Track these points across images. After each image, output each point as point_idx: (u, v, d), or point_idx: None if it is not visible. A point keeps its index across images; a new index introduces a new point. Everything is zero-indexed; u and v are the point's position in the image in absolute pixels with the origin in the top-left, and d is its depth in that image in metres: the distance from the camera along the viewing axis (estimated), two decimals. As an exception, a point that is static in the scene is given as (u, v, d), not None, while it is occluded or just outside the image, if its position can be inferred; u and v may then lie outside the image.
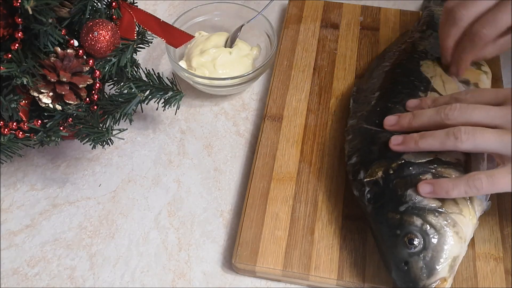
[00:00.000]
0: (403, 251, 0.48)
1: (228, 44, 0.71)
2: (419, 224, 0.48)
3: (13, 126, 0.54)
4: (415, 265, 0.47)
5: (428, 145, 0.48)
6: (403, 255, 0.48)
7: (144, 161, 0.64)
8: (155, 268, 0.56)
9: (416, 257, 0.47)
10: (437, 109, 0.49)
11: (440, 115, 0.48)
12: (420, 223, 0.48)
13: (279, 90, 0.68)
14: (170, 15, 0.80)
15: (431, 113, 0.49)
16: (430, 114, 0.49)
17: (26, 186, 0.62)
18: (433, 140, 0.47)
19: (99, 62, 0.56)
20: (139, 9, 0.60)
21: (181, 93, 0.59)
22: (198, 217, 0.60)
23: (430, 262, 0.46)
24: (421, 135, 0.48)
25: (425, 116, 0.50)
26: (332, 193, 0.58)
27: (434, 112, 0.49)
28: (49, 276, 0.55)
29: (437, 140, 0.47)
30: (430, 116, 0.49)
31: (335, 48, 0.73)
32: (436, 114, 0.49)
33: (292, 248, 0.54)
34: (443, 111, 0.48)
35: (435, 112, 0.49)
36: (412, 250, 0.47)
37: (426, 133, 0.48)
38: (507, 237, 0.55)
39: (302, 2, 0.78)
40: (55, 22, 0.52)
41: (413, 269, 0.47)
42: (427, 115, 0.50)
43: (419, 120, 0.50)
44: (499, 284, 0.52)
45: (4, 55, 0.51)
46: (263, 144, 0.63)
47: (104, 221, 0.59)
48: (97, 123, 0.54)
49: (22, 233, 0.58)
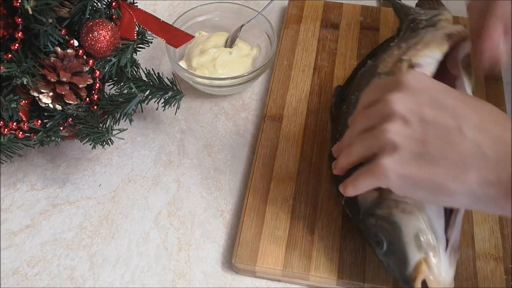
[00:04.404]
0: (380, 255, 0.49)
1: (228, 44, 0.71)
2: (374, 222, 0.49)
3: (13, 126, 0.54)
4: (392, 262, 0.47)
5: (342, 189, 0.48)
6: (382, 258, 0.49)
7: (144, 161, 0.64)
8: (155, 268, 0.56)
9: (390, 255, 0.48)
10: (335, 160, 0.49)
11: (335, 167, 0.49)
12: (375, 221, 0.49)
13: (279, 90, 0.68)
14: (170, 15, 0.80)
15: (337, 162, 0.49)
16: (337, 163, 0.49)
17: (26, 186, 0.62)
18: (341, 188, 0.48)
19: (99, 62, 0.56)
20: (139, 9, 0.60)
21: (181, 93, 0.59)
22: (198, 217, 0.60)
23: (399, 253, 0.46)
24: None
25: (337, 166, 0.49)
26: (332, 193, 0.58)
27: (334, 164, 0.49)
28: (49, 276, 0.55)
29: (341, 188, 0.47)
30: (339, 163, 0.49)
31: (335, 48, 0.73)
32: (333, 164, 0.49)
33: (292, 248, 0.54)
34: (335, 162, 0.49)
35: (333, 164, 0.49)
36: (383, 250, 0.48)
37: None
38: (507, 237, 0.55)
39: (302, 2, 0.78)
40: (55, 22, 0.52)
41: (395, 267, 0.47)
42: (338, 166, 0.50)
43: (340, 169, 0.50)
44: (499, 284, 0.52)
45: (4, 55, 0.51)
46: (263, 144, 0.63)
47: (104, 221, 0.59)
48: (97, 123, 0.54)
49: (22, 233, 0.58)
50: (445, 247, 0.46)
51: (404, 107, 0.41)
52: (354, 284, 0.52)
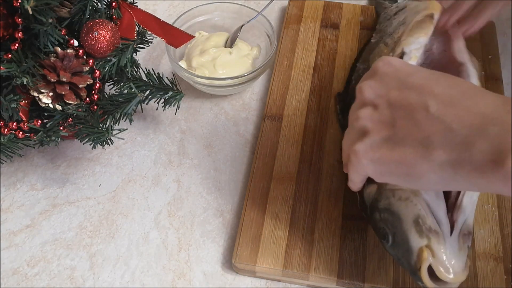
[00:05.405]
0: (388, 248, 0.48)
1: (228, 44, 0.71)
2: (378, 216, 0.48)
3: (13, 126, 0.54)
4: (400, 254, 0.46)
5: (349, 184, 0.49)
6: (391, 251, 0.48)
7: (144, 161, 0.64)
8: (155, 268, 0.56)
9: (396, 247, 0.46)
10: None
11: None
12: (379, 215, 0.48)
13: (279, 90, 0.68)
14: (170, 15, 0.80)
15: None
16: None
17: (26, 186, 0.62)
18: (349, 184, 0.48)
19: (99, 62, 0.56)
20: (139, 9, 0.60)
21: (181, 93, 0.59)
22: (198, 217, 0.60)
23: (403, 243, 0.45)
24: None
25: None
26: (332, 193, 0.58)
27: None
28: (49, 276, 0.55)
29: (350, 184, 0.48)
30: None
31: (335, 48, 0.73)
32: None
33: (292, 248, 0.54)
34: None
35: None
36: (389, 243, 0.47)
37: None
38: (507, 237, 0.55)
39: (302, 2, 0.78)
40: (55, 22, 0.52)
41: (402, 259, 0.46)
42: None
43: None
44: (499, 284, 0.52)
45: (4, 55, 0.51)
46: (263, 144, 0.63)
47: (104, 221, 0.59)
48: (97, 123, 0.54)
49: (22, 233, 0.58)
50: (449, 231, 0.44)
51: (373, 93, 0.42)
52: (354, 284, 0.52)
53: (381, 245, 0.53)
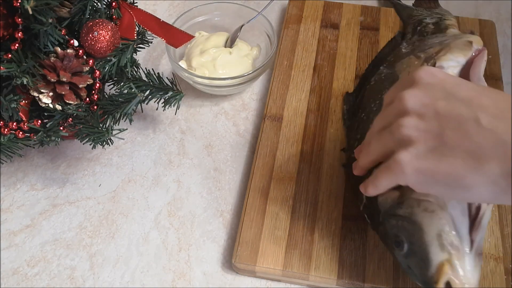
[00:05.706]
0: (400, 256, 0.47)
1: (228, 44, 0.71)
2: (395, 223, 0.48)
3: (13, 126, 0.54)
4: (413, 264, 0.46)
5: (363, 188, 0.48)
6: (402, 260, 0.47)
7: (144, 161, 0.64)
8: (155, 268, 0.56)
9: (410, 256, 0.46)
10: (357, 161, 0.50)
11: (355, 166, 0.49)
12: (395, 222, 0.47)
13: (279, 90, 0.68)
14: (170, 15, 0.80)
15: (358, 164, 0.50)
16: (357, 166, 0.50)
17: (26, 186, 0.62)
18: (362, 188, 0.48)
19: (99, 62, 0.56)
20: (139, 9, 0.60)
21: (181, 93, 0.59)
22: (198, 217, 0.60)
23: (421, 254, 0.45)
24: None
25: (357, 165, 0.50)
26: (332, 193, 0.58)
27: (355, 164, 0.50)
28: (49, 276, 0.55)
29: (363, 188, 0.48)
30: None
31: (335, 48, 0.73)
32: (354, 164, 0.49)
33: (292, 248, 0.54)
34: (355, 162, 0.49)
35: (354, 164, 0.49)
36: (404, 251, 0.46)
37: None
38: (507, 237, 0.55)
39: (302, 2, 0.78)
40: (55, 22, 0.52)
41: (416, 269, 0.46)
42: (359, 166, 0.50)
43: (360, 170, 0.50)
44: (499, 284, 0.52)
45: (4, 55, 0.51)
46: (263, 144, 0.63)
47: (104, 221, 0.59)
48: (97, 123, 0.54)
49: (22, 233, 0.58)
50: (470, 248, 0.44)
51: (418, 102, 0.41)
52: (354, 284, 0.52)
53: (381, 245, 0.53)
